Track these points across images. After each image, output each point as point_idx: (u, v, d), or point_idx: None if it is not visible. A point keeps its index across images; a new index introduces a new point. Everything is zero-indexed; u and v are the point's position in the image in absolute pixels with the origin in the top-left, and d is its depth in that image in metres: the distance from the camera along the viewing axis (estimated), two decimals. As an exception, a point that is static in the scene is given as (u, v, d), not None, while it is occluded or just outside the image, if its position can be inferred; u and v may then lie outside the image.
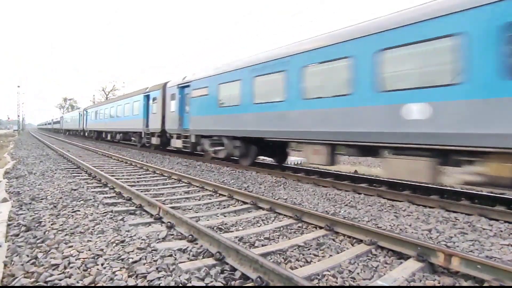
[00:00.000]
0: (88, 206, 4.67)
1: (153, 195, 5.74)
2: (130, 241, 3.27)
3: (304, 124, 7.57)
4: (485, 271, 2.68)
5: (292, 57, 7.97)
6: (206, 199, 5.66)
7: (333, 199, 5.94)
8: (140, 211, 4.69)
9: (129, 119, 19.41)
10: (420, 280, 2.72)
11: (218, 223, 4.17)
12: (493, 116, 4.54)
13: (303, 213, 4.38)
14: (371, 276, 2.78)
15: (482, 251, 3.44)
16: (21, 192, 5.48)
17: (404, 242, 3.22)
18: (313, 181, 7.71)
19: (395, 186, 7.27)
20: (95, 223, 3.85)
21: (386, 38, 5.88)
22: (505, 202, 5.65)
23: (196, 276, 2.57)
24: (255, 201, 5.21)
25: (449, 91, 5.01)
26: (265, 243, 3.49)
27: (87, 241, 3.23)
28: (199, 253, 3.08)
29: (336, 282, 2.66)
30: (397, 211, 5.12)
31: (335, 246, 3.47)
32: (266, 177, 8.27)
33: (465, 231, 4.10)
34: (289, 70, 8.01)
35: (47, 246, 3.06)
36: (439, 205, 5.40)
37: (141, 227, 3.89)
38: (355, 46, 6.43)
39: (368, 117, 6.22)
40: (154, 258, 2.87)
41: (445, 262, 2.90)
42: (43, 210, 4.36)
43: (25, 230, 3.53)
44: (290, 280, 2.26)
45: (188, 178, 7.31)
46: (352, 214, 4.83)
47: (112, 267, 2.66)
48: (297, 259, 3.09)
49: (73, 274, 2.53)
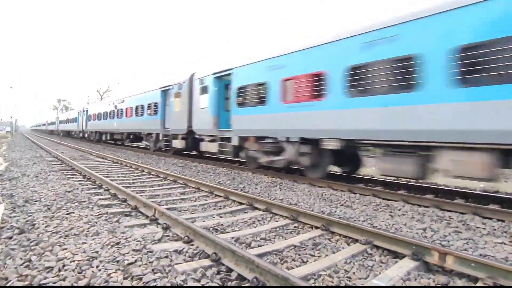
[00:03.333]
0: (82, 208, 4.63)
1: (148, 197, 5.71)
2: (126, 243, 3.25)
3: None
4: (479, 269, 2.71)
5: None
6: (202, 200, 5.65)
7: (329, 199, 5.96)
8: (136, 212, 4.66)
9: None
10: (415, 279, 2.74)
11: (214, 224, 4.16)
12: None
13: (299, 213, 4.39)
14: (366, 275, 2.80)
15: (476, 249, 3.47)
16: (14, 194, 5.41)
17: (399, 241, 3.25)
18: (308, 181, 7.73)
19: (390, 186, 7.32)
20: (90, 225, 3.82)
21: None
22: (498, 201, 5.72)
23: (192, 277, 2.56)
24: (251, 202, 5.20)
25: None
26: (261, 243, 3.49)
27: (81, 243, 3.20)
28: (195, 254, 3.07)
29: (332, 281, 2.67)
30: (392, 210, 5.16)
31: (331, 246, 3.49)
32: (262, 178, 8.27)
33: (459, 230, 4.14)
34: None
35: (41, 249, 3.03)
36: (434, 204, 5.44)
37: (137, 229, 3.86)
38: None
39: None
40: (150, 259, 2.85)
41: (440, 261, 2.93)
42: (36, 213, 4.32)
43: (19, 232, 3.49)
44: (287, 280, 2.26)
45: (184, 179, 7.28)
46: (348, 214, 4.85)
47: (107, 269, 2.64)
48: (293, 259, 3.09)
49: (67, 277, 2.50)
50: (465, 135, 5.05)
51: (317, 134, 7.35)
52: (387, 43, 6.01)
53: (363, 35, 6.43)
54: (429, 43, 5.43)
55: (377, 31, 6.22)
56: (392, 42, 5.93)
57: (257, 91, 9.07)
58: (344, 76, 6.71)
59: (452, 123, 5.19)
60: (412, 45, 5.65)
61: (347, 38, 6.76)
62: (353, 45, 6.58)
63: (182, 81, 12.94)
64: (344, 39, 6.83)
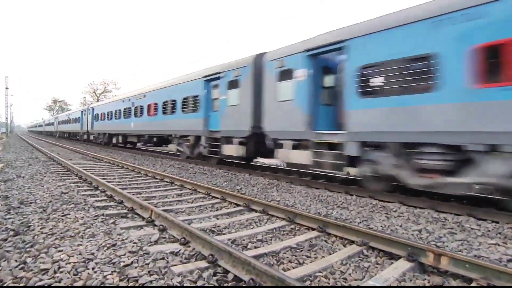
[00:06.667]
0: (78, 210, 4.61)
1: (145, 198, 5.70)
2: (122, 245, 3.24)
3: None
4: (473, 270, 2.73)
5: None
6: (198, 202, 5.64)
7: (326, 200, 5.98)
8: (132, 214, 4.65)
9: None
10: (410, 280, 2.76)
11: (210, 225, 4.16)
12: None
13: (296, 214, 4.40)
14: (362, 276, 2.82)
15: (471, 250, 3.50)
16: (9, 196, 5.37)
17: (395, 243, 3.27)
18: (305, 183, 7.74)
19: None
20: (85, 227, 3.80)
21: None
22: (493, 203, 5.76)
23: (189, 279, 2.56)
24: (248, 203, 5.21)
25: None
26: (258, 245, 3.50)
27: (77, 245, 3.19)
28: (192, 255, 3.07)
29: (328, 282, 2.69)
30: (388, 212, 5.19)
31: (327, 247, 3.50)
32: (259, 179, 8.28)
33: (454, 231, 4.18)
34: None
35: (36, 251, 3.01)
36: (429, 205, 5.48)
37: (133, 230, 3.85)
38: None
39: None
40: (146, 261, 2.85)
41: (435, 262, 2.95)
42: (32, 214, 4.29)
43: (14, 234, 3.47)
44: (283, 282, 2.27)
45: (180, 180, 7.27)
46: (344, 215, 4.88)
47: (103, 271, 2.63)
48: (290, 260, 3.10)
49: (63, 279, 2.49)
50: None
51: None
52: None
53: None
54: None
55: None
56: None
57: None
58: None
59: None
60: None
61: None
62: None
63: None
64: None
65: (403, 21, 5.80)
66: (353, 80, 6.56)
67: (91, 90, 66.60)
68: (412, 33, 5.64)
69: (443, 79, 5.21)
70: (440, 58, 5.25)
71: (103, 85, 66.50)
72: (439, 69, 5.26)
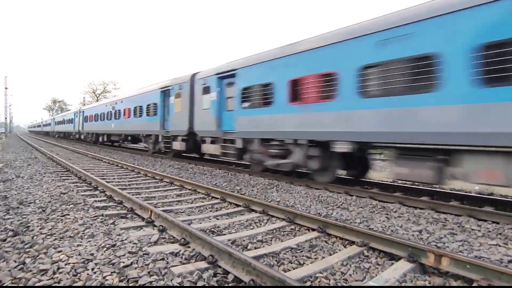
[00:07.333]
0: (78, 210, 4.59)
1: (144, 198, 5.68)
2: (121, 245, 3.23)
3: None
4: (474, 271, 2.72)
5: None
6: (198, 202, 5.63)
7: (326, 201, 5.97)
8: (132, 214, 4.63)
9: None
10: (411, 281, 2.75)
11: (210, 226, 4.15)
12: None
13: (296, 215, 4.39)
14: (363, 277, 2.81)
15: (471, 251, 3.50)
16: (8, 196, 5.35)
17: (395, 243, 3.26)
18: (305, 183, 7.74)
19: (387, 188, 7.35)
20: (85, 227, 3.79)
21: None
22: (493, 203, 5.77)
23: (189, 280, 2.54)
24: (248, 204, 5.20)
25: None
26: (258, 245, 3.49)
27: (77, 246, 3.17)
28: (192, 256, 3.05)
29: (329, 283, 2.68)
30: (389, 212, 5.18)
31: (327, 247, 3.49)
32: (259, 180, 8.27)
33: (454, 232, 4.17)
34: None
35: (35, 251, 3.00)
36: (430, 206, 5.48)
37: (133, 231, 3.84)
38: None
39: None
40: (146, 262, 2.83)
41: (435, 263, 2.94)
42: (31, 215, 4.27)
43: (13, 235, 3.45)
44: (283, 283, 2.26)
45: (180, 181, 7.26)
46: (344, 216, 4.87)
47: (103, 272, 2.62)
48: (290, 261, 3.09)
49: (62, 279, 2.48)
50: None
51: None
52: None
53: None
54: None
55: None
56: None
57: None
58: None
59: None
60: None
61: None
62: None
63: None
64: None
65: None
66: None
67: (91, 90, 66.65)
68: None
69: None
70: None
71: (102, 85, 66.54)
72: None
